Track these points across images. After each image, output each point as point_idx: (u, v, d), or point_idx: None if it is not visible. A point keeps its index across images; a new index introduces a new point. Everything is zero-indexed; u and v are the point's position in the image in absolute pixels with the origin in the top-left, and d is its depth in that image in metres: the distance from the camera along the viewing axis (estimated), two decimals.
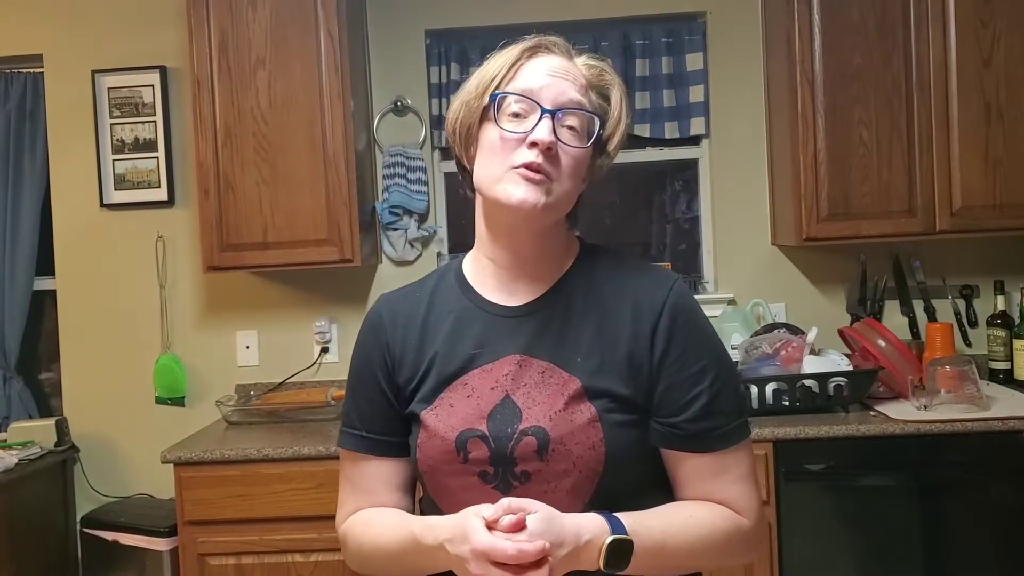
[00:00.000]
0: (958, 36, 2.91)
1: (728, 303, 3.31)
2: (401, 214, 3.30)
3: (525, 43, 1.31)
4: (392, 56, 3.39)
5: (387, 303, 1.40)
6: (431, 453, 1.26)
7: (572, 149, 1.25)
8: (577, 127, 1.26)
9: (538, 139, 1.22)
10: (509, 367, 1.26)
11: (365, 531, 1.33)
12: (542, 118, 1.23)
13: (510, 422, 1.23)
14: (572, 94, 1.26)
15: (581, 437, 1.21)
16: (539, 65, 1.28)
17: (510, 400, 1.24)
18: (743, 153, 3.35)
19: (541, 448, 1.21)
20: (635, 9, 3.35)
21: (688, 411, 1.24)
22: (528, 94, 1.25)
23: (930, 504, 2.69)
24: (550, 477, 1.21)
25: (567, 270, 1.33)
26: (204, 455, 2.72)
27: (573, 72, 1.29)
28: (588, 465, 1.20)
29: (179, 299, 3.41)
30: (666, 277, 1.31)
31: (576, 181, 1.28)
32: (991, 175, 2.92)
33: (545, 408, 1.22)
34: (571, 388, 1.23)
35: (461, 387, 1.27)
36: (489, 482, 1.23)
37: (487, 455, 1.22)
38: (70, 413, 3.38)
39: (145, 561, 2.99)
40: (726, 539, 1.24)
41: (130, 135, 3.37)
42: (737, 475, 1.26)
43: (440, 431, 1.25)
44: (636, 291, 1.29)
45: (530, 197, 1.22)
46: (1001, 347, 3.13)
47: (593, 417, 1.22)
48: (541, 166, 1.22)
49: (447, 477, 1.26)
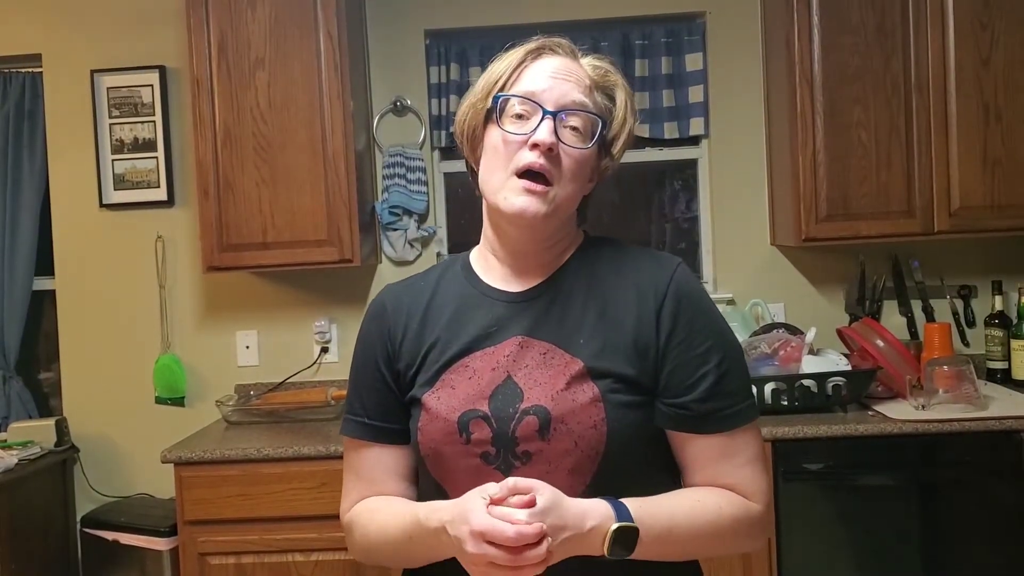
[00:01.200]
0: (957, 37, 2.92)
1: (727, 303, 3.31)
2: (401, 214, 3.31)
3: (529, 45, 1.32)
4: (392, 56, 3.39)
5: (391, 292, 1.41)
6: (433, 435, 1.26)
7: (574, 150, 1.26)
8: (580, 128, 1.27)
9: (539, 140, 1.23)
10: (510, 348, 1.27)
11: (371, 520, 1.32)
12: (544, 119, 1.24)
13: (511, 402, 1.23)
14: (575, 95, 1.27)
15: (583, 416, 1.20)
16: (543, 67, 1.29)
17: (511, 380, 1.24)
18: (742, 153, 3.36)
19: (542, 427, 1.21)
20: (635, 9, 3.35)
21: (695, 391, 1.24)
22: (530, 96, 1.26)
23: (928, 503, 2.70)
24: (551, 457, 1.21)
25: (570, 256, 1.34)
26: (204, 455, 2.73)
27: (577, 73, 1.29)
28: (590, 444, 1.20)
29: (179, 299, 3.41)
30: (668, 260, 1.32)
31: (579, 183, 1.28)
32: (989, 176, 2.93)
33: (547, 388, 1.23)
34: (573, 368, 1.23)
35: (463, 369, 1.27)
36: (491, 463, 1.23)
37: (489, 435, 1.23)
38: (70, 413, 3.38)
39: (145, 561, 2.99)
40: (734, 525, 1.24)
41: (129, 135, 3.37)
42: (745, 458, 1.26)
43: (442, 412, 1.25)
44: (639, 274, 1.30)
45: (530, 208, 1.23)
46: (999, 347, 3.14)
47: (596, 396, 1.21)
48: (543, 167, 1.23)
49: (448, 459, 1.25)
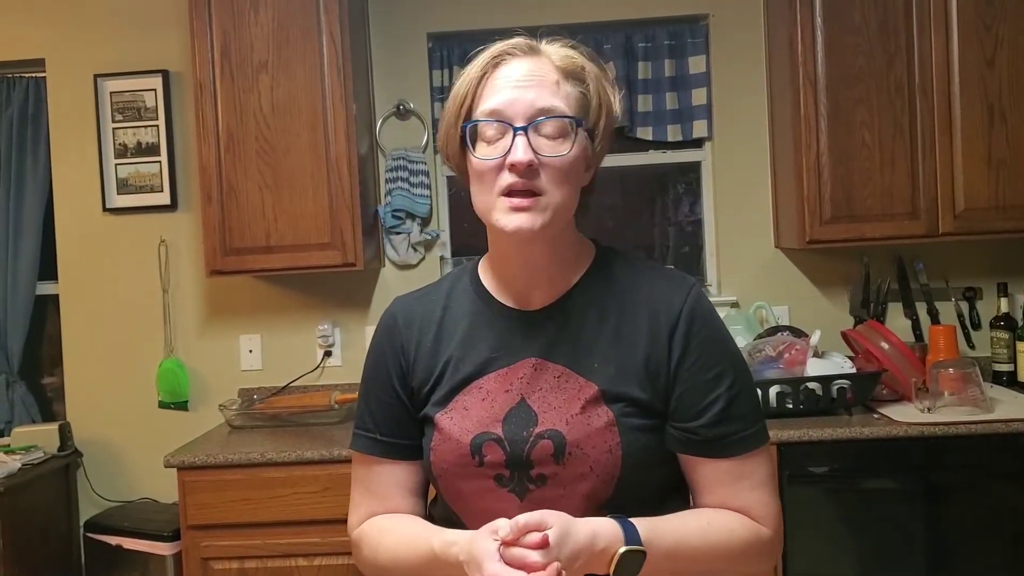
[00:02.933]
0: (960, 38, 2.91)
1: (731, 306, 3.31)
2: (404, 218, 3.30)
3: (485, 55, 1.26)
4: (394, 59, 3.39)
5: (402, 306, 1.38)
6: (445, 456, 1.25)
7: (554, 159, 1.20)
8: (555, 132, 1.21)
9: (514, 161, 1.19)
10: (524, 371, 1.25)
11: (380, 540, 1.31)
12: (516, 137, 1.19)
13: (526, 425, 1.22)
14: (542, 102, 1.21)
15: (598, 441, 1.20)
16: (504, 77, 1.23)
17: (525, 404, 1.23)
18: (746, 156, 3.35)
19: (557, 452, 1.20)
20: (638, 12, 3.34)
21: (705, 416, 1.23)
22: (497, 115, 1.21)
23: (933, 506, 2.69)
24: (567, 481, 1.20)
25: (583, 274, 1.31)
26: (207, 459, 2.72)
27: (540, 72, 1.23)
28: (605, 469, 1.19)
29: (182, 303, 3.40)
30: (683, 282, 1.30)
31: (570, 185, 1.23)
32: (994, 177, 2.92)
33: (561, 412, 1.21)
34: (588, 392, 1.22)
35: (476, 390, 1.26)
36: (504, 485, 1.22)
37: (503, 458, 1.22)
38: (73, 417, 3.38)
39: (149, 565, 2.98)
40: (744, 547, 1.23)
41: (132, 139, 3.37)
42: (755, 481, 1.25)
43: (455, 434, 1.24)
44: (653, 295, 1.27)
45: (524, 224, 1.20)
46: (1004, 349, 3.12)
47: (611, 421, 1.21)
48: (524, 185, 1.19)
49: (461, 481, 1.25)
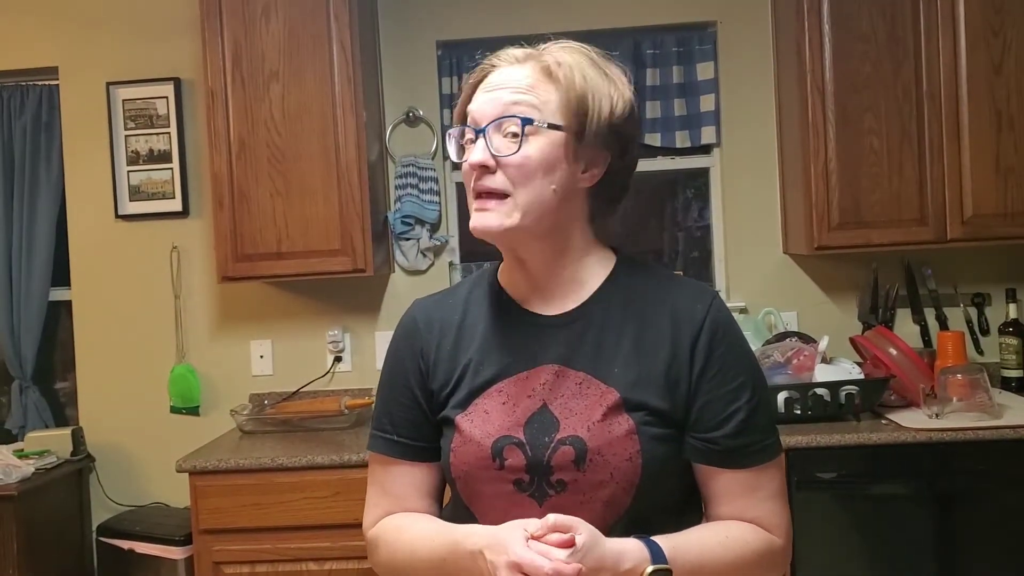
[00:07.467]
0: (968, 44, 2.91)
1: (740, 312, 3.31)
2: (413, 224, 3.32)
3: (476, 71, 1.30)
4: (404, 67, 3.41)
5: (421, 308, 1.39)
6: (465, 458, 1.26)
7: (509, 157, 1.21)
8: (514, 132, 1.21)
9: (472, 162, 1.23)
10: (546, 376, 1.26)
11: (397, 538, 1.31)
12: (477, 139, 1.23)
13: (547, 431, 1.22)
14: (503, 101, 1.22)
15: (619, 448, 1.20)
16: (483, 85, 1.27)
17: (547, 409, 1.24)
18: (754, 162, 3.36)
19: (579, 458, 1.20)
20: (646, 19, 3.36)
21: (726, 427, 1.24)
22: (469, 121, 1.26)
23: (942, 512, 2.69)
24: (586, 488, 1.21)
25: (604, 281, 1.31)
26: (219, 464, 2.74)
27: (517, 77, 1.24)
28: (625, 477, 1.20)
29: (194, 309, 3.43)
30: (705, 292, 1.30)
31: (540, 182, 1.22)
32: (1002, 183, 2.92)
33: (583, 418, 1.22)
34: (609, 399, 1.22)
35: (496, 394, 1.27)
36: (524, 490, 1.23)
37: (523, 463, 1.22)
38: (86, 423, 3.40)
39: (160, 569, 3.00)
40: (758, 559, 1.25)
41: (144, 146, 3.39)
42: (769, 492, 1.27)
43: (476, 437, 1.25)
44: (675, 305, 1.28)
45: (490, 223, 1.22)
46: (1013, 355, 3.12)
47: (631, 429, 1.21)
48: (482, 187, 1.22)
49: (481, 484, 1.25)
